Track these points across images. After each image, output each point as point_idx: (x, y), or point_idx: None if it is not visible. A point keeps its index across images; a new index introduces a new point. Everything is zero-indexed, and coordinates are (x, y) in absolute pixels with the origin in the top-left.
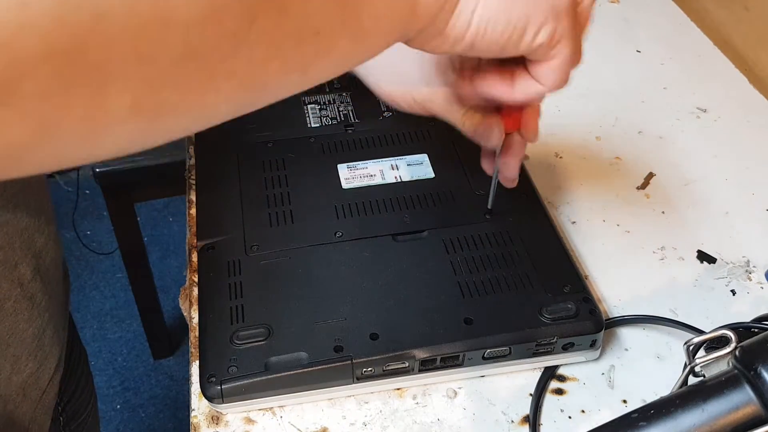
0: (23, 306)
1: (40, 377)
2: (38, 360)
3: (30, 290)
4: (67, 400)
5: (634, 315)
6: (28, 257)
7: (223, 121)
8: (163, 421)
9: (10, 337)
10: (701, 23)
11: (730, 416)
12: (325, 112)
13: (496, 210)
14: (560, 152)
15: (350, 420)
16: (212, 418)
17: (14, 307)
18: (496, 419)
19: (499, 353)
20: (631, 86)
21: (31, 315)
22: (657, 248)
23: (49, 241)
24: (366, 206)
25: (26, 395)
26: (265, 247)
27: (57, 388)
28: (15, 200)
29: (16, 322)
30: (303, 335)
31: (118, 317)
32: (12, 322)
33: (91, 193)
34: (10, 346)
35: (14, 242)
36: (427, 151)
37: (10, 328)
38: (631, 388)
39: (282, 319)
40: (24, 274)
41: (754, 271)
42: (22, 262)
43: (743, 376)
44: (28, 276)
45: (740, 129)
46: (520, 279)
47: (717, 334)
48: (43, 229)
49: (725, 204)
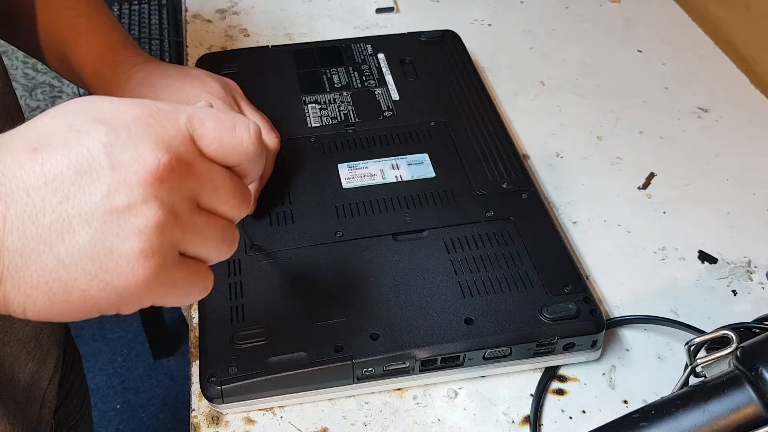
0: None
1: (41, 377)
2: (38, 360)
3: None
4: (61, 401)
5: (635, 315)
6: None
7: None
8: (163, 421)
9: (6, 336)
10: (702, 23)
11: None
12: (325, 112)
13: (497, 210)
14: (561, 152)
15: (350, 420)
16: (212, 418)
17: None
18: (497, 419)
19: (500, 353)
20: (632, 86)
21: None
22: (658, 248)
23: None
24: (366, 206)
25: (31, 395)
26: (265, 247)
27: (57, 388)
28: None
29: (12, 320)
30: (303, 335)
31: (118, 317)
32: (7, 320)
33: None
34: (6, 345)
35: None
36: (428, 151)
37: (5, 326)
38: (632, 389)
39: (282, 319)
40: None
41: (755, 271)
42: None
43: (744, 376)
44: None
45: (741, 129)
46: (520, 279)
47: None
48: None
49: (726, 204)
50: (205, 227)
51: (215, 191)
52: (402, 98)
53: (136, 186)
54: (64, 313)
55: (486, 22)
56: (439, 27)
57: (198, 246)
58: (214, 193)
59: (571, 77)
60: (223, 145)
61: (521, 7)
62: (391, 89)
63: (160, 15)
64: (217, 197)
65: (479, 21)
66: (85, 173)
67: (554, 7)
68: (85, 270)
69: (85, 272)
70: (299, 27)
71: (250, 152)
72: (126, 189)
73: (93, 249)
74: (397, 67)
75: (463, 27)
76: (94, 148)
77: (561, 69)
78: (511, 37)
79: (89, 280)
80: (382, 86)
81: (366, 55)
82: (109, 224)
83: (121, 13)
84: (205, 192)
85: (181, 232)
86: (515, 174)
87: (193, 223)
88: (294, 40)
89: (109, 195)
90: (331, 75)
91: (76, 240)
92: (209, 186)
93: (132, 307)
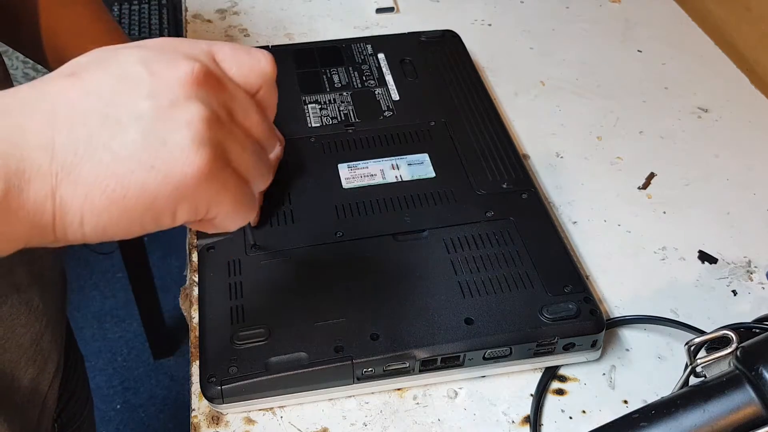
0: (20, 311)
1: (41, 382)
2: (38, 365)
3: (27, 295)
4: (63, 406)
5: (635, 315)
6: (23, 262)
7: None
8: (163, 421)
9: (7, 342)
10: (702, 23)
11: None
12: (325, 112)
13: (497, 210)
14: (561, 152)
15: (350, 420)
16: (212, 418)
17: (10, 312)
18: (497, 419)
19: (500, 353)
20: (632, 86)
21: (28, 320)
22: (658, 248)
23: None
24: (366, 206)
25: (30, 401)
26: (266, 247)
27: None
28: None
29: (13, 326)
30: (303, 335)
31: (118, 317)
32: (8, 326)
33: None
34: (6, 351)
35: None
36: (428, 151)
37: (6, 332)
38: (632, 389)
39: (282, 319)
40: (20, 279)
41: (755, 271)
42: (17, 267)
43: (744, 376)
44: (24, 281)
45: (741, 129)
46: (520, 279)
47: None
48: None
49: (726, 204)
50: (245, 139)
51: (246, 114)
52: (402, 98)
53: (176, 87)
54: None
55: (486, 22)
56: (439, 27)
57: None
58: (246, 115)
59: (571, 77)
60: (242, 65)
61: (521, 7)
62: (391, 89)
63: (160, 15)
64: (249, 121)
65: (479, 21)
66: (125, 82)
67: (554, 7)
68: (141, 162)
69: (141, 164)
70: (299, 27)
71: (268, 72)
72: (168, 90)
73: (146, 141)
74: (397, 67)
75: (463, 27)
76: (130, 62)
77: (561, 69)
78: (511, 37)
79: (146, 171)
80: (382, 86)
81: (366, 55)
82: (158, 119)
83: (121, 13)
84: (236, 110)
85: (224, 136)
86: (515, 174)
87: (233, 131)
88: (294, 40)
89: (153, 96)
90: (331, 75)
91: (128, 136)
92: (239, 107)
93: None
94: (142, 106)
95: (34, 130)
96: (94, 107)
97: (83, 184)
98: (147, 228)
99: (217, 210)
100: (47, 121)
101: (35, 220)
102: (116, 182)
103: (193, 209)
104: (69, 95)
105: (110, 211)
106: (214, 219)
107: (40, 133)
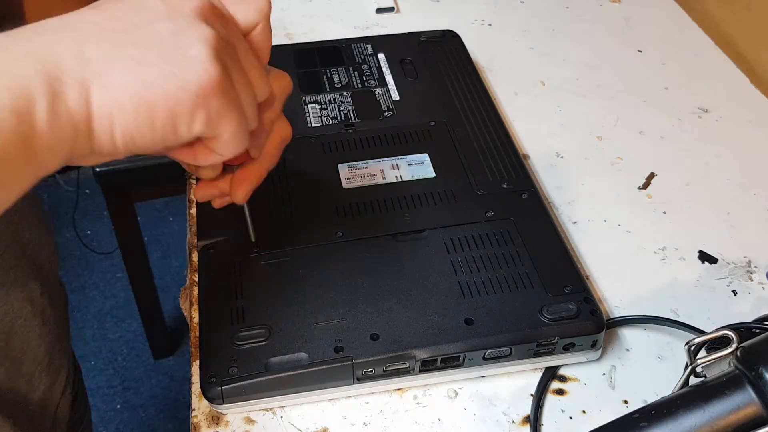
0: (35, 323)
1: (54, 391)
2: (51, 375)
3: (40, 306)
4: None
5: (635, 315)
6: (34, 272)
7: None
8: (163, 421)
9: (24, 355)
10: (703, 23)
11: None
12: (325, 112)
13: (497, 210)
14: (561, 152)
15: (351, 420)
16: (212, 419)
17: (25, 325)
18: (497, 420)
19: (500, 353)
20: (632, 86)
21: (42, 331)
22: (658, 248)
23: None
24: (366, 206)
25: (44, 411)
26: (266, 247)
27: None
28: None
29: (28, 339)
30: (303, 335)
31: (118, 317)
32: (23, 340)
33: (91, 192)
34: (23, 364)
35: (22, 260)
36: (428, 151)
37: (22, 345)
38: (632, 389)
39: (282, 319)
40: (34, 291)
41: (755, 271)
42: (30, 278)
43: (744, 376)
44: (37, 292)
45: (742, 129)
46: (520, 279)
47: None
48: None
49: (727, 204)
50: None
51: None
52: (402, 98)
53: (189, 13)
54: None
55: (486, 22)
56: (439, 27)
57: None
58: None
59: (571, 77)
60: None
61: (521, 7)
62: (391, 89)
63: None
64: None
65: (479, 21)
66: (144, 10)
67: (554, 7)
68: (164, 70)
69: (165, 72)
70: (299, 27)
71: (265, 8)
72: (181, 16)
73: (168, 53)
74: (397, 67)
75: (463, 27)
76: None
77: (561, 69)
78: (511, 37)
79: (169, 78)
80: (382, 86)
81: (366, 55)
82: (177, 34)
83: None
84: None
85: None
86: (515, 174)
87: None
88: (294, 39)
89: (169, 19)
90: (331, 75)
91: (150, 49)
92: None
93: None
94: (162, 26)
95: (65, 43)
96: (118, 27)
97: (113, 88)
98: (167, 139)
99: (223, 127)
100: (76, 38)
101: (76, 125)
102: (143, 87)
103: (207, 119)
104: (94, 19)
105: (138, 115)
106: (217, 139)
107: (71, 47)
